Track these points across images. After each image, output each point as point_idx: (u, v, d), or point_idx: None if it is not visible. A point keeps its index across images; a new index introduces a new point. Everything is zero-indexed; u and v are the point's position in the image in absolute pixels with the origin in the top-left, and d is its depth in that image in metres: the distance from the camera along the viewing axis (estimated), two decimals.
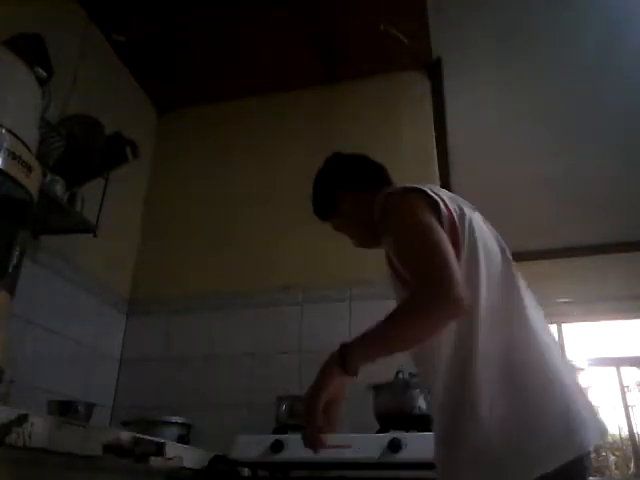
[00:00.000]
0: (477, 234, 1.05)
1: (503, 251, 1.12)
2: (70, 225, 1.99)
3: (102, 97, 2.46)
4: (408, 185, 1.10)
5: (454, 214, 1.04)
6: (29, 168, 1.25)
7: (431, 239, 0.94)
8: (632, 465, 3.94)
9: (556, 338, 1.07)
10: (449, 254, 0.92)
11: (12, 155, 1.20)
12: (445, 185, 3.32)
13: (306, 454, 1.60)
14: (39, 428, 0.94)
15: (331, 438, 1.00)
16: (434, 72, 2.78)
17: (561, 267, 4.24)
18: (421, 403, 1.74)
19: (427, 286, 0.90)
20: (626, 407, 4.01)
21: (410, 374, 1.81)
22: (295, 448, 1.62)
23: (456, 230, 1.02)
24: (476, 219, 1.10)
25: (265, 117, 2.90)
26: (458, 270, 0.90)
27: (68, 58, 2.24)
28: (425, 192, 1.06)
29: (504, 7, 2.47)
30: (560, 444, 0.89)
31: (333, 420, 0.96)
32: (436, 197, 1.05)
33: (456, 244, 0.99)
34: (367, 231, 1.24)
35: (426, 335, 0.91)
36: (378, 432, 1.73)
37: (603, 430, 1.03)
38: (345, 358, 0.90)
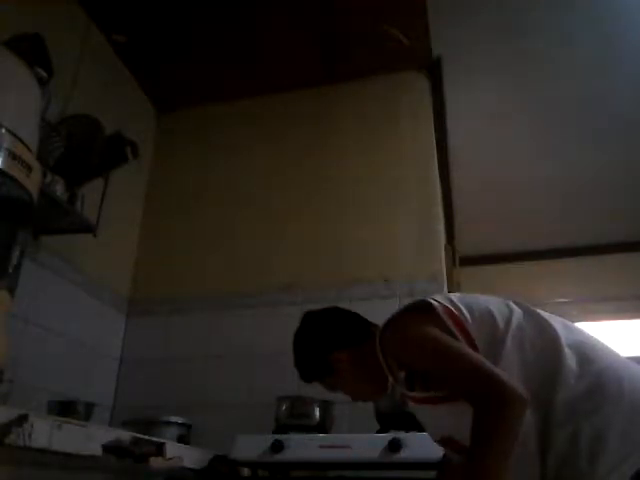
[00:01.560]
0: (481, 305, 1.07)
1: (517, 304, 1.11)
2: (70, 225, 1.99)
3: (102, 97, 2.46)
4: (394, 313, 1.12)
5: (447, 304, 1.06)
6: (29, 168, 1.25)
7: (458, 355, 0.98)
8: None
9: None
10: (478, 358, 0.96)
11: (12, 155, 1.20)
12: (445, 185, 3.32)
13: (306, 454, 1.60)
14: (39, 428, 0.94)
15: (331, 438, 1.01)
16: (434, 72, 2.78)
17: (561, 267, 4.24)
18: None
19: (491, 406, 0.90)
20: None
21: None
22: (295, 448, 1.62)
23: (456, 317, 1.04)
24: (469, 297, 1.12)
25: (265, 117, 2.90)
26: (496, 369, 0.93)
27: (68, 58, 2.24)
28: (413, 306, 1.09)
29: (504, 7, 2.47)
30: None
31: None
32: (427, 299, 1.08)
33: (464, 331, 1.02)
34: (372, 380, 1.21)
35: (516, 436, 0.89)
36: (378, 432, 1.73)
37: None
38: None
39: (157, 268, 2.66)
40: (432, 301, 1.07)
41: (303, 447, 1.62)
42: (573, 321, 1.14)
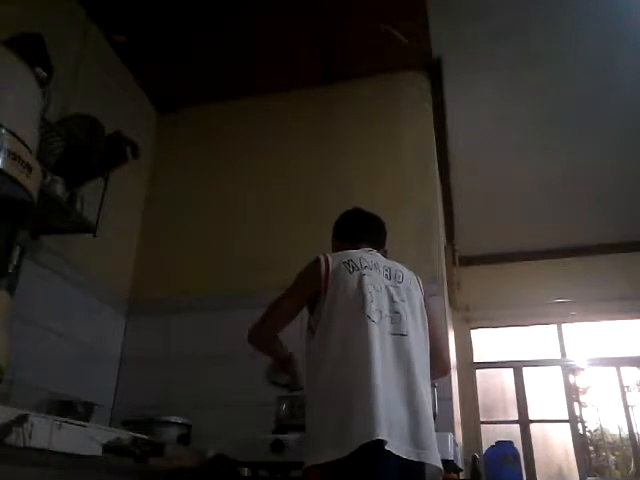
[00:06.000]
0: (339, 281, 1.51)
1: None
2: (70, 225, 1.99)
3: (102, 97, 2.46)
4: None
5: (329, 271, 1.56)
6: (29, 168, 1.25)
7: (282, 298, 1.72)
8: (632, 465, 3.94)
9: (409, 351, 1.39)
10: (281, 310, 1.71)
11: (12, 155, 1.20)
12: (445, 185, 3.32)
13: None
14: (39, 428, 0.94)
15: None
16: (434, 72, 2.78)
17: (561, 267, 4.24)
18: None
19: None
20: (626, 407, 4.00)
21: None
22: (295, 448, 1.62)
23: (327, 281, 1.54)
24: (343, 272, 1.54)
25: (265, 117, 2.90)
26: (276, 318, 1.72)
27: (68, 58, 2.24)
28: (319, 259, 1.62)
29: (504, 7, 2.47)
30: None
31: None
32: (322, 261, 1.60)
33: (325, 289, 1.52)
34: None
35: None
36: None
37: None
38: None
39: (157, 268, 2.66)
40: (322, 267, 1.62)
41: (303, 447, 1.62)
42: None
